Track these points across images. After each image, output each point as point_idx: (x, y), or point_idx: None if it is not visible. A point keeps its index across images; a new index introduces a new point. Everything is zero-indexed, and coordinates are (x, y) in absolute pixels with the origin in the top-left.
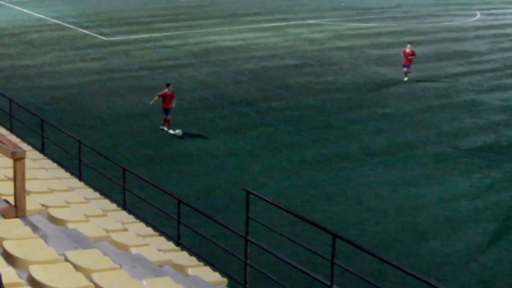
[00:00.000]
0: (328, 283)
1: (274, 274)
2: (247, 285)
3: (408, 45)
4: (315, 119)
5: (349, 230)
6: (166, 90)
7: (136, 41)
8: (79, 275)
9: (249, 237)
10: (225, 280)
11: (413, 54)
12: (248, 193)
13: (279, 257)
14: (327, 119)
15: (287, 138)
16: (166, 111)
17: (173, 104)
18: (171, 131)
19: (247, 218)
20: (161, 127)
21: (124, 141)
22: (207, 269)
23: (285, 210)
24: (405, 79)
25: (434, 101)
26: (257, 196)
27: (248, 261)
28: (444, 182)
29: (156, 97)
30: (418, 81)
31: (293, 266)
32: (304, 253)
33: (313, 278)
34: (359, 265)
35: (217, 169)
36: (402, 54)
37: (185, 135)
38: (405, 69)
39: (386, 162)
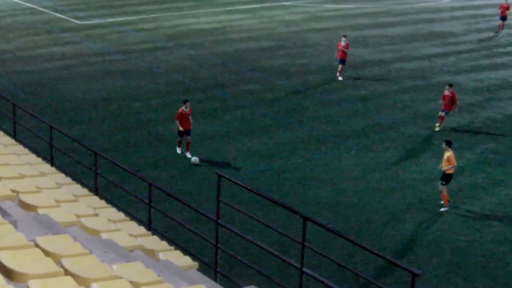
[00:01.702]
0: (299, 265)
1: (245, 257)
2: (218, 269)
3: (343, 38)
4: (290, 102)
5: (323, 212)
6: (183, 108)
7: (111, 24)
8: (49, 260)
9: (220, 221)
10: (196, 264)
11: (347, 47)
12: (219, 176)
13: (250, 241)
14: (302, 102)
15: (262, 121)
16: (186, 132)
17: (191, 121)
18: (191, 157)
19: (218, 201)
20: (181, 151)
21: (99, 125)
22: (178, 253)
23: (256, 193)
24: (340, 78)
25: (409, 82)
26: (228, 179)
27: (219, 245)
28: (418, 164)
29: (177, 122)
30: (393, 62)
31: (264, 249)
32: (276, 236)
33: (284, 261)
34: (331, 247)
35: (191, 153)
36: (338, 48)
37: (160, 118)
38: (340, 66)
39: (361, 144)
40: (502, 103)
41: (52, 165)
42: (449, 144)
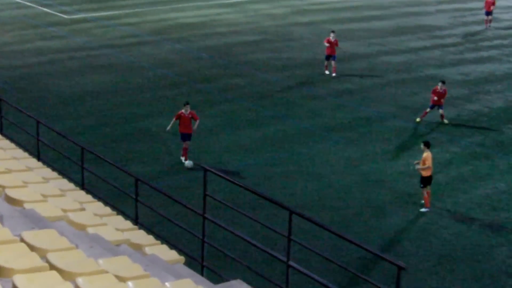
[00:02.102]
0: (285, 259)
1: (232, 251)
2: (205, 263)
3: (332, 34)
4: (275, 96)
5: (309, 206)
6: (183, 110)
7: (97, 19)
8: (34, 255)
9: (206, 215)
10: (182, 258)
11: (336, 44)
12: (205, 170)
13: (236, 234)
14: (288, 96)
15: (248, 115)
16: (183, 136)
17: (195, 127)
18: (185, 162)
19: (205, 195)
20: (181, 158)
21: (85, 120)
22: (165, 247)
23: (242, 187)
24: (326, 72)
25: (394, 76)
26: (214, 173)
27: (205, 239)
28: (404, 157)
29: (173, 120)
30: (379, 55)
31: (250, 243)
32: (263, 230)
33: (270, 254)
34: (317, 241)
35: (178, 148)
36: (325, 43)
37: (147, 113)
38: (327, 62)
39: (347, 137)
40: (488, 97)
41: (38, 159)
42: (427, 145)
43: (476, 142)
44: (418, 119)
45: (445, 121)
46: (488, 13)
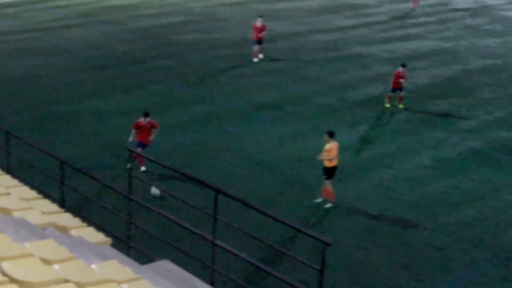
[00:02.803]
0: (211, 238)
1: (159, 232)
2: (132, 244)
3: (259, 19)
4: (203, 76)
5: (237, 185)
6: (141, 119)
7: (25, 2)
8: None
9: (132, 196)
10: (109, 240)
11: (264, 29)
12: (130, 151)
13: (163, 214)
14: (216, 76)
15: (176, 96)
16: (140, 145)
17: (153, 136)
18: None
19: (130, 176)
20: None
21: (12, 104)
22: (91, 229)
23: (165, 167)
24: (255, 60)
25: (322, 54)
26: (139, 154)
27: (132, 220)
28: None
29: (133, 131)
30: (306, 35)
31: (177, 223)
32: (191, 210)
33: (195, 233)
34: (245, 219)
35: (107, 129)
36: (255, 31)
37: (75, 95)
38: (256, 47)
39: (275, 116)
40: (414, 73)
41: None
42: (331, 135)
43: (403, 118)
44: (387, 105)
45: (400, 105)
46: None
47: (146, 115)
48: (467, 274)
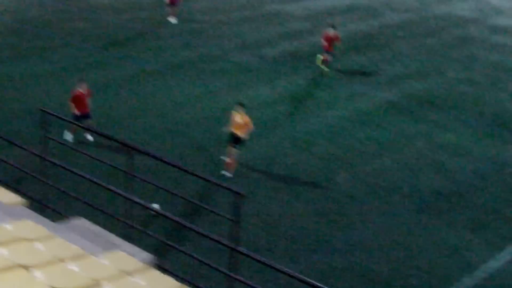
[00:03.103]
0: (126, 194)
1: (75, 191)
2: (48, 204)
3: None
4: (119, 38)
5: (152, 142)
6: (79, 88)
7: None
8: None
9: (48, 157)
10: (24, 201)
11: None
12: (43, 112)
13: (77, 174)
14: (132, 37)
15: (91, 59)
16: (84, 116)
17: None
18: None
19: (45, 138)
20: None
21: None
22: (5, 191)
23: (82, 127)
24: (173, 21)
25: (237, 13)
26: (52, 114)
27: (50, 182)
28: (248, 90)
29: (72, 105)
30: None
31: (92, 181)
32: (106, 168)
33: (109, 190)
34: (162, 176)
35: (20, 94)
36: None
37: None
38: (170, 9)
39: (191, 75)
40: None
41: None
42: (242, 106)
43: (319, 72)
44: (326, 69)
45: (326, 69)
46: None
47: (81, 81)
48: (383, 220)
